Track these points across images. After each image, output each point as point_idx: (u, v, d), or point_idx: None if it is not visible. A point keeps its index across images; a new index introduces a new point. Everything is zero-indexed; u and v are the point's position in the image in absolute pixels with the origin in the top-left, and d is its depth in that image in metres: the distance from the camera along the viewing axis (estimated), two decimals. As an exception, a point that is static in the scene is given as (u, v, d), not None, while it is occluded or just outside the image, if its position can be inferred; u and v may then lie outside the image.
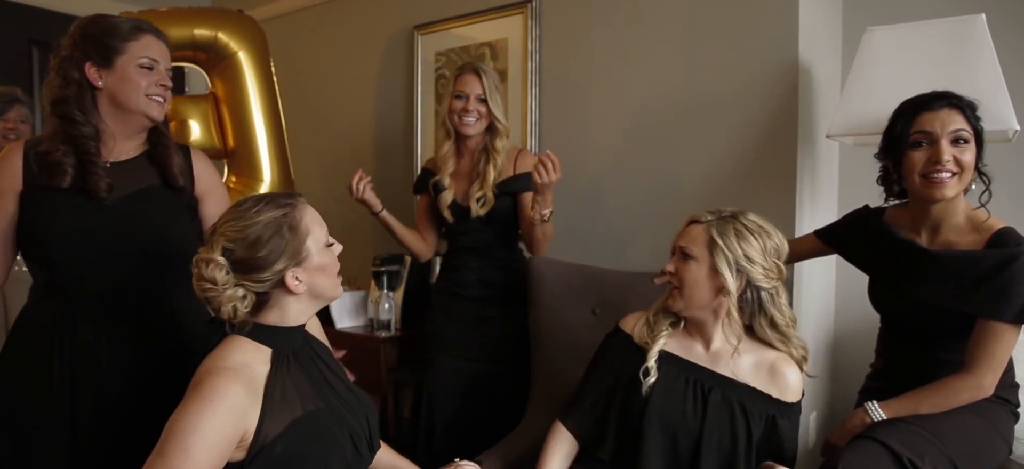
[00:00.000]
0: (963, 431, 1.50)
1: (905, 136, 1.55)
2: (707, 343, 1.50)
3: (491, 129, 2.15)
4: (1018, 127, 1.73)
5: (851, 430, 1.56)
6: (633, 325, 1.56)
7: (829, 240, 1.81)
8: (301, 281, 1.22)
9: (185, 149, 1.62)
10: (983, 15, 1.78)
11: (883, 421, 1.53)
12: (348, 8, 3.24)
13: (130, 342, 1.45)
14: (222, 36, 2.60)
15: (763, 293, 1.45)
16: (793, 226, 2.07)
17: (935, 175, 1.50)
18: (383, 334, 2.59)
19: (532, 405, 2.09)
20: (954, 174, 1.50)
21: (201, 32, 2.59)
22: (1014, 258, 1.46)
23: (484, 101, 2.12)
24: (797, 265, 2.06)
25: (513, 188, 2.15)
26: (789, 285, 2.04)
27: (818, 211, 2.24)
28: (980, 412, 1.52)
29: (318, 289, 1.26)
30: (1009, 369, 1.59)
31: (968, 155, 1.50)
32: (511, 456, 1.82)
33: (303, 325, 1.32)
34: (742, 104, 2.17)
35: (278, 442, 1.16)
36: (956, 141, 1.50)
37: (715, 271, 1.41)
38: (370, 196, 2.16)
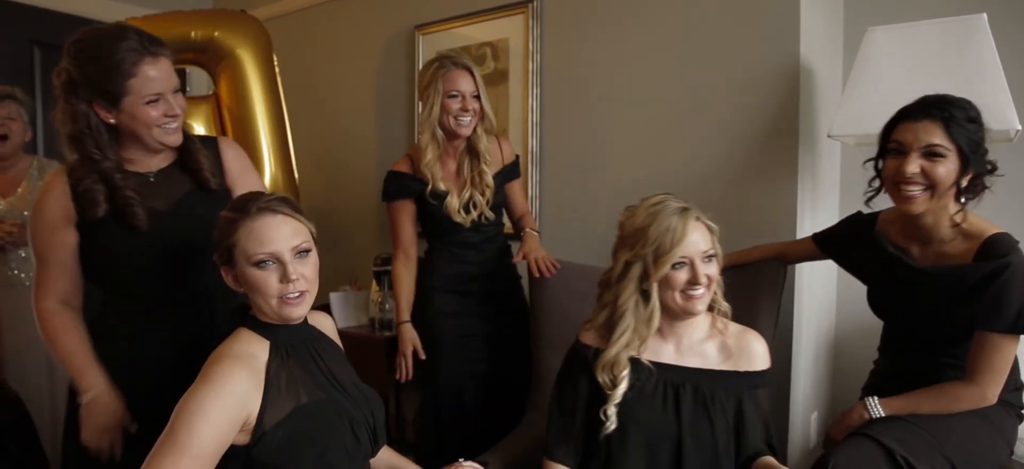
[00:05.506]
0: (963, 431, 1.49)
1: (886, 142, 1.53)
2: (678, 339, 1.46)
3: (472, 135, 2.09)
4: (1020, 127, 1.73)
5: (850, 424, 1.56)
6: (595, 337, 1.50)
7: (824, 246, 1.80)
8: (237, 282, 1.29)
9: (212, 141, 1.65)
10: (985, 15, 1.78)
11: (881, 418, 1.52)
12: (349, 8, 3.23)
13: (201, 341, 1.46)
14: (218, 35, 2.60)
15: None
16: (794, 227, 2.07)
17: (903, 187, 1.47)
18: (384, 333, 2.59)
19: (532, 404, 2.09)
20: (925, 188, 1.46)
21: (198, 32, 2.59)
22: (1003, 270, 1.42)
23: (477, 98, 2.05)
24: (798, 266, 2.06)
25: (504, 178, 2.17)
26: (790, 286, 2.05)
27: (819, 212, 2.24)
28: (982, 414, 1.52)
29: (254, 301, 1.29)
30: (1015, 371, 1.57)
31: (941, 169, 1.44)
32: (512, 456, 1.82)
33: (304, 323, 1.36)
34: (743, 104, 2.17)
35: (279, 428, 1.21)
36: (929, 155, 1.45)
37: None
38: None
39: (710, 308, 1.45)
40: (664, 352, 1.45)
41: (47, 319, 1.46)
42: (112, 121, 1.44)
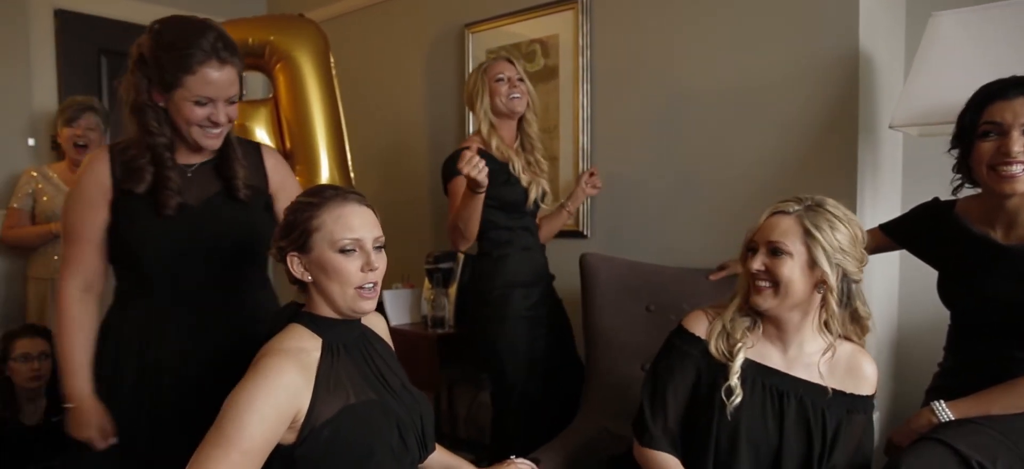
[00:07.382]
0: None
1: (974, 126, 1.48)
2: (785, 345, 1.42)
3: (522, 120, 2.23)
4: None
5: (916, 430, 1.50)
6: (706, 331, 1.45)
7: (895, 235, 1.75)
8: (306, 270, 1.27)
9: (255, 148, 1.67)
10: (1059, -4, 1.70)
11: (950, 422, 1.47)
12: (400, 8, 3.28)
13: (214, 340, 1.50)
14: (275, 39, 2.66)
15: (853, 285, 1.38)
16: (854, 220, 2.01)
17: (1003, 168, 1.42)
18: (437, 331, 2.62)
19: (586, 401, 2.09)
20: None
21: (255, 37, 2.66)
22: None
23: (521, 80, 2.19)
24: (859, 260, 2.00)
25: None
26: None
27: (880, 205, 2.17)
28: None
29: (327, 290, 1.26)
30: None
31: None
32: (566, 453, 1.82)
33: (358, 321, 1.36)
34: (800, 94, 2.11)
35: (326, 427, 1.20)
36: None
37: (814, 265, 1.33)
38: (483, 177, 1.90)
39: (826, 324, 1.41)
40: (772, 357, 1.43)
41: (65, 307, 1.47)
42: (161, 105, 1.47)
